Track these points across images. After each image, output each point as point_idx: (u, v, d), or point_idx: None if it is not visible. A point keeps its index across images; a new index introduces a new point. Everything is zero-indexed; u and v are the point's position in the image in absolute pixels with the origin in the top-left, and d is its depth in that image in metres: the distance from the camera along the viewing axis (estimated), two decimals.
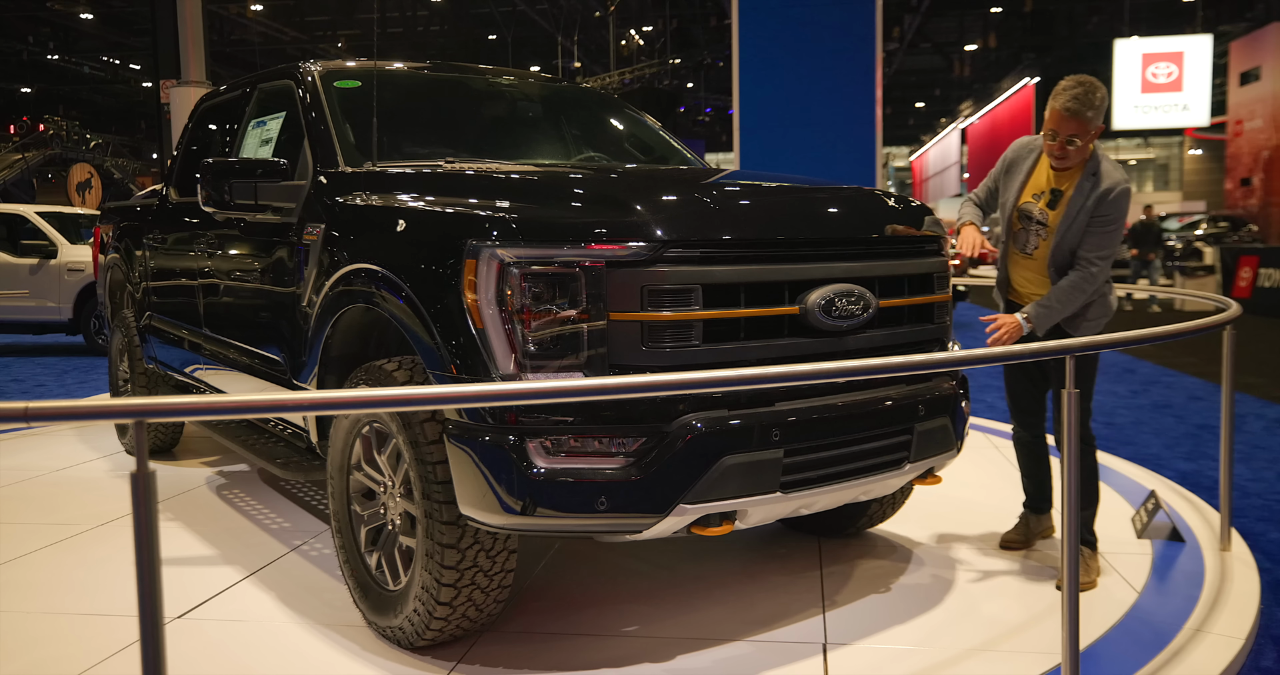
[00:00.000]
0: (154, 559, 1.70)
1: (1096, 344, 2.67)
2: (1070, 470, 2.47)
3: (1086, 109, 3.26)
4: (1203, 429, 6.55)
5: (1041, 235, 3.45)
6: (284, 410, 1.97)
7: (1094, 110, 3.28)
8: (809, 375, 2.31)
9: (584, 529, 2.62)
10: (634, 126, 4.61)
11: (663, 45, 35.38)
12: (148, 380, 5.22)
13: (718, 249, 2.66)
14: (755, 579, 3.52)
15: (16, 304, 10.88)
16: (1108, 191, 3.31)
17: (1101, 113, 3.31)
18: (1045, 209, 3.44)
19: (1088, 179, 3.36)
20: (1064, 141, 3.31)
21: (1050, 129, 3.34)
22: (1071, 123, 3.29)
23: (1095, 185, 3.34)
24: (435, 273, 2.63)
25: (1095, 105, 3.28)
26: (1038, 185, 3.49)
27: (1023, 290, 3.59)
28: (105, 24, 34.35)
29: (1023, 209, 3.51)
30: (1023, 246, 3.54)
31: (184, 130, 5.08)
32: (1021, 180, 3.53)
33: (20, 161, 27.61)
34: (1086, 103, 3.26)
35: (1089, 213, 3.33)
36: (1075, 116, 3.27)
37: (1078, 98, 3.27)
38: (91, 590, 3.44)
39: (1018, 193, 3.53)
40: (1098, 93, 3.29)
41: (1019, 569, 3.59)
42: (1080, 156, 3.37)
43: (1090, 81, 3.29)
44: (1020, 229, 3.53)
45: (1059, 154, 3.36)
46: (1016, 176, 3.55)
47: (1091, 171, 3.37)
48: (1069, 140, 3.31)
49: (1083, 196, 3.35)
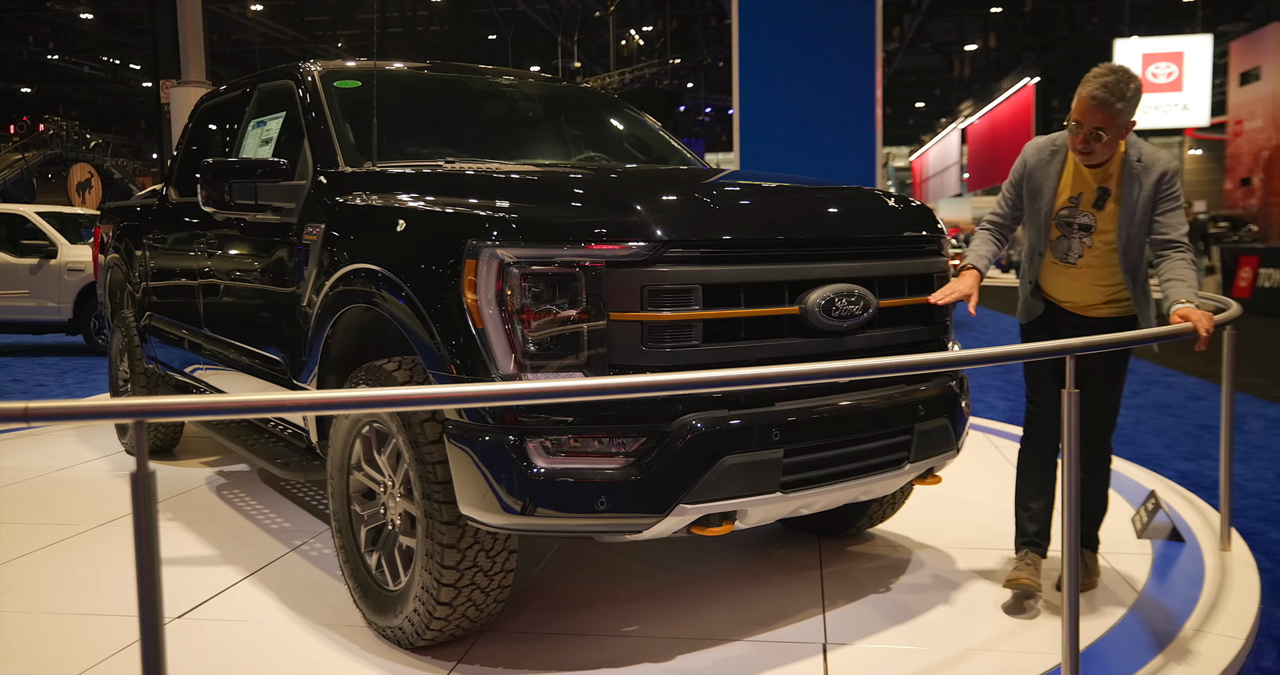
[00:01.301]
0: (154, 559, 1.70)
1: (1096, 344, 2.67)
2: (1070, 470, 2.46)
3: (1116, 99, 2.98)
4: (1203, 429, 6.55)
5: (1088, 243, 3.18)
6: (284, 410, 1.97)
7: (1125, 102, 3.00)
8: (809, 375, 2.31)
9: (584, 529, 2.62)
10: (634, 126, 4.61)
11: (663, 45, 35.40)
12: (148, 380, 5.22)
13: (718, 249, 2.66)
14: (755, 579, 3.52)
15: (16, 304, 10.88)
16: (1165, 171, 3.10)
17: (1133, 106, 3.04)
18: (1092, 211, 3.17)
19: (1133, 167, 3.11)
20: (1088, 134, 3.04)
21: (1075, 119, 3.06)
22: (1098, 113, 3.01)
23: (1147, 169, 3.10)
24: (435, 273, 2.63)
25: (1127, 97, 3.00)
26: (1074, 187, 3.20)
27: (1064, 298, 3.32)
28: (105, 24, 34.37)
29: (1061, 217, 3.21)
30: (1064, 255, 3.24)
31: (184, 130, 5.08)
32: (1052, 186, 3.22)
33: (20, 161, 27.62)
34: (1117, 92, 2.99)
35: (1152, 200, 3.10)
36: (1103, 107, 3.00)
37: (1108, 86, 2.99)
38: (91, 590, 3.44)
39: (1050, 200, 3.22)
40: (1131, 83, 3.02)
41: None
42: (1108, 153, 3.10)
43: (1124, 70, 3.04)
44: (1060, 237, 3.23)
45: (1082, 148, 3.09)
46: (1045, 183, 3.23)
47: (1135, 158, 3.12)
48: (1094, 133, 3.03)
49: (1138, 186, 3.11)
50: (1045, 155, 3.26)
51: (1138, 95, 3.03)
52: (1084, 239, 3.19)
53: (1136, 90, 3.03)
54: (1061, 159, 3.23)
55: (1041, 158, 3.27)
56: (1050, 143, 3.28)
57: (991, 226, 3.44)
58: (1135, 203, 3.11)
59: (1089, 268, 3.21)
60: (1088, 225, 3.18)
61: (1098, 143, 3.05)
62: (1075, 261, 3.22)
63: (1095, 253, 3.19)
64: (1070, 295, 3.30)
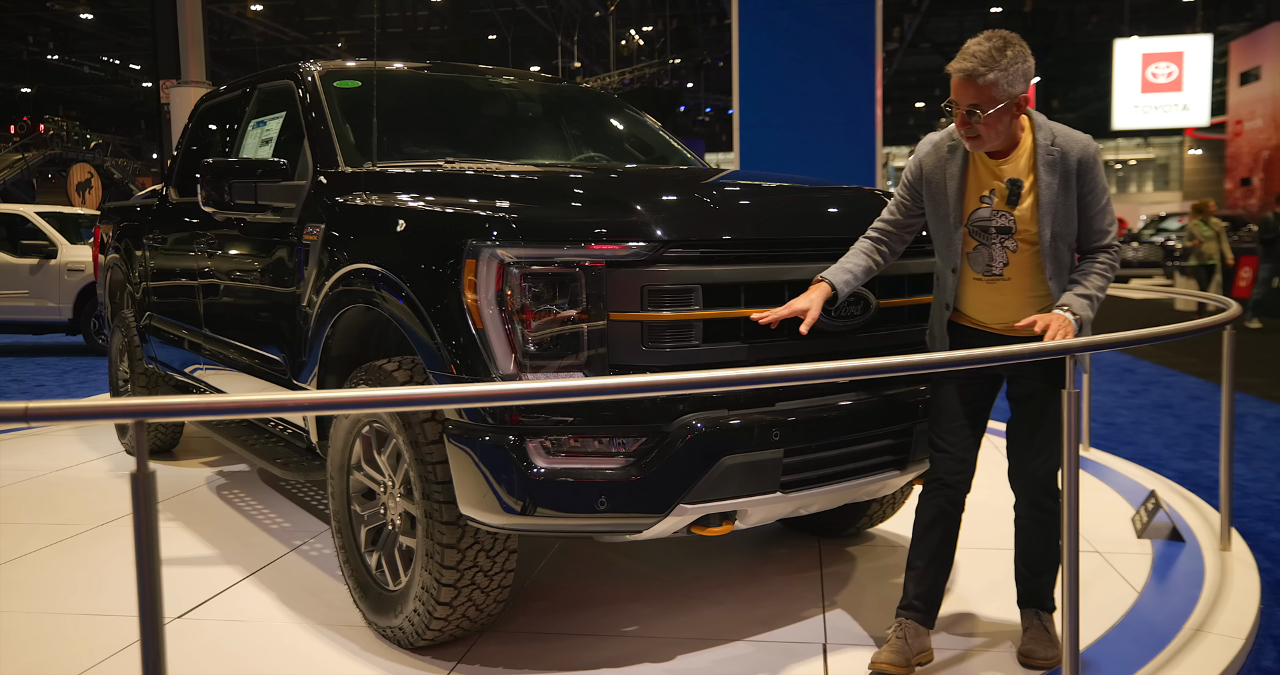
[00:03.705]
0: (154, 559, 1.70)
1: (1097, 344, 2.66)
2: (1070, 470, 2.46)
3: (987, 70, 2.53)
4: (1203, 429, 6.55)
5: (1010, 248, 2.67)
6: (284, 410, 1.97)
7: (999, 71, 2.53)
8: (809, 375, 2.31)
9: (584, 529, 2.62)
10: (634, 126, 4.61)
11: (663, 45, 35.41)
12: (148, 380, 5.22)
13: (718, 249, 2.66)
14: (755, 579, 3.52)
15: (16, 304, 10.88)
16: (1083, 156, 2.62)
17: (1013, 77, 2.55)
18: (1005, 209, 2.66)
19: (1047, 153, 2.63)
20: (964, 114, 2.59)
21: (951, 101, 2.63)
22: (969, 88, 2.56)
23: (1065, 154, 2.63)
24: (435, 273, 2.63)
25: (1000, 65, 2.53)
26: (982, 185, 2.70)
27: (991, 321, 2.75)
28: (105, 24, 34.39)
29: (976, 222, 2.70)
30: (985, 268, 2.69)
31: (184, 130, 5.08)
32: (956, 187, 2.71)
33: (20, 161, 27.62)
34: (988, 62, 2.53)
35: (1073, 189, 2.63)
36: (971, 79, 2.55)
37: (977, 56, 2.55)
38: (92, 590, 3.44)
39: (958, 204, 2.71)
40: (1007, 50, 2.55)
41: None
42: (995, 135, 2.61)
43: (1001, 36, 2.58)
44: (978, 247, 2.70)
45: (964, 132, 2.63)
46: (947, 184, 2.73)
47: (1048, 142, 2.64)
48: (969, 111, 2.57)
49: (1055, 171, 2.62)
50: (944, 152, 2.77)
51: (1017, 62, 2.56)
52: (1006, 243, 2.67)
53: (1016, 57, 2.56)
54: (963, 154, 2.73)
55: (939, 155, 2.77)
56: (949, 136, 2.77)
57: (876, 235, 2.85)
58: (1055, 193, 2.62)
59: (1017, 278, 2.69)
60: (1007, 227, 2.67)
61: (977, 123, 2.58)
62: (1002, 271, 2.69)
63: (1022, 258, 2.68)
64: (999, 315, 2.74)
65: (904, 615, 2.81)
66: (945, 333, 2.83)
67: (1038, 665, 2.79)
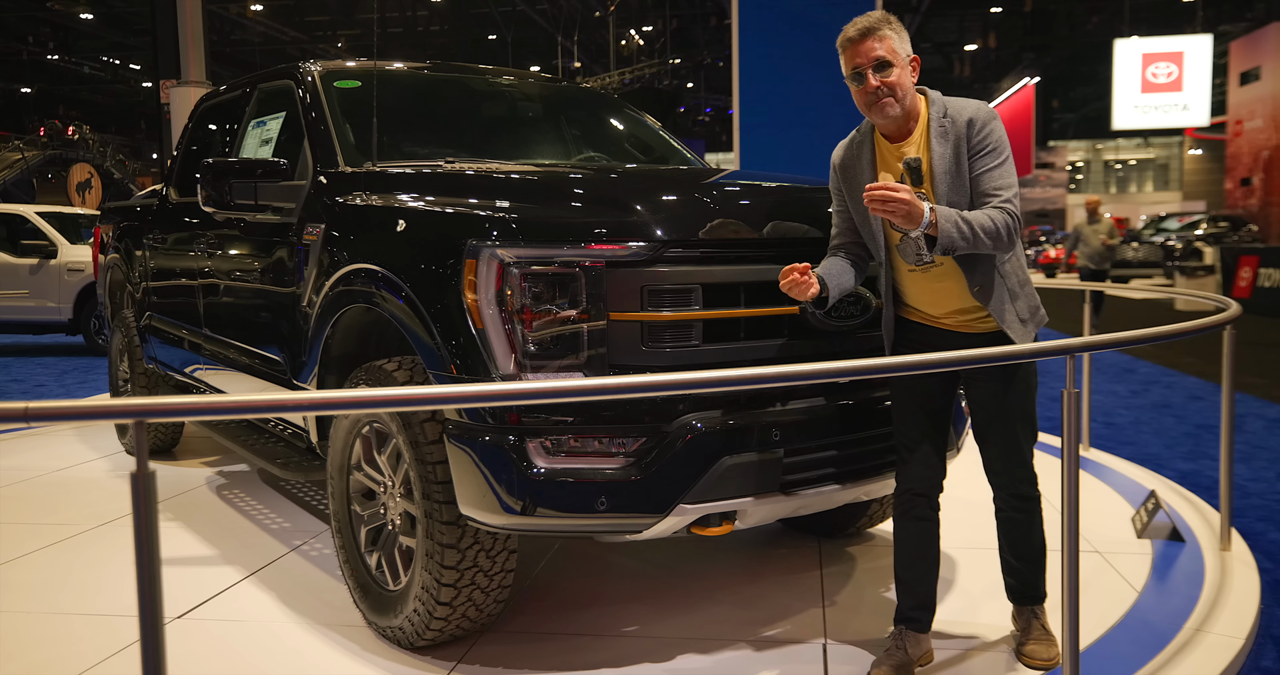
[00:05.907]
0: (154, 559, 1.70)
1: (1097, 344, 2.66)
2: (1069, 470, 2.46)
3: (882, 25, 2.59)
4: (1203, 429, 6.55)
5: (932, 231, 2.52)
6: (284, 410, 1.97)
7: (892, 27, 2.61)
8: (809, 375, 2.30)
9: (584, 529, 2.62)
10: (634, 126, 4.61)
11: (663, 45, 35.42)
12: (148, 380, 5.22)
13: (717, 249, 2.66)
14: (755, 579, 3.52)
15: (16, 304, 10.89)
16: (973, 118, 2.57)
17: (906, 38, 2.63)
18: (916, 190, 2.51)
19: (940, 124, 2.59)
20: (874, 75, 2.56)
21: (851, 70, 2.61)
22: (870, 43, 2.57)
23: (954, 121, 2.58)
24: (435, 273, 2.63)
25: (892, 22, 2.62)
26: (891, 171, 2.64)
27: (940, 313, 2.71)
28: (105, 24, 34.39)
29: None
30: (916, 258, 2.54)
31: (184, 130, 5.08)
32: (869, 179, 2.65)
33: (20, 161, 27.62)
34: (880, 20, 2.60)
35: (964, 154, 2.57)
36: (871, 34, 2.58)
37: (867, 18, 2.60)
38: (91, 590, 3.44)
39: None
40: (890, 15, 2.64)
41: None
42: (904, 89, 2.59)
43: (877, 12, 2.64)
44: (902, 239, 2.56)
45: (878, 97, 2.57)
46: (860, 178, 2.68)
47: (941, 114, 2.60)
48: (880, 68, 2.56)
49: (947, 140, 2.58)
50: (853, 149, 2.77)
51: (900, 24, 2.65)
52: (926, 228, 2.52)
53: (898, 21, 2.65)
54: (870, 146, 2.71)
55: (850, 152, 2.77)
56: (856, 133, 2.78)
57: (834, 248, 2.81)
58: (949, 162, 2.57)
59: (950, 262, 2.61)
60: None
61: (890, 79, 2.56)
62: (933, 258, 2.56)
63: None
64: (944, 304, 2.70)
65: (901, 626, 2.82)
66: (892, 330, 2.79)
67: (1038, 665, 2.79)
